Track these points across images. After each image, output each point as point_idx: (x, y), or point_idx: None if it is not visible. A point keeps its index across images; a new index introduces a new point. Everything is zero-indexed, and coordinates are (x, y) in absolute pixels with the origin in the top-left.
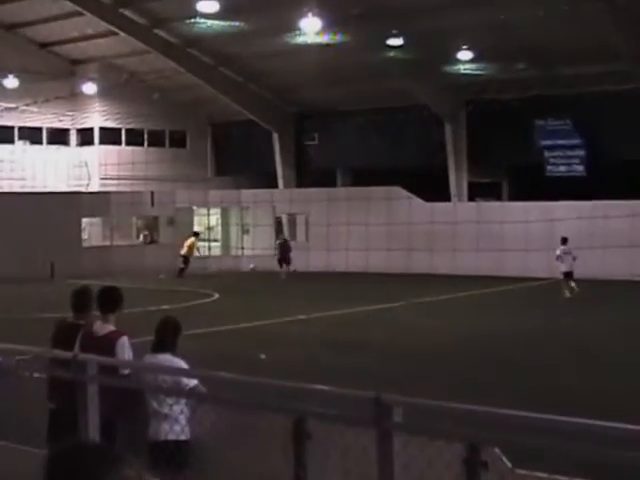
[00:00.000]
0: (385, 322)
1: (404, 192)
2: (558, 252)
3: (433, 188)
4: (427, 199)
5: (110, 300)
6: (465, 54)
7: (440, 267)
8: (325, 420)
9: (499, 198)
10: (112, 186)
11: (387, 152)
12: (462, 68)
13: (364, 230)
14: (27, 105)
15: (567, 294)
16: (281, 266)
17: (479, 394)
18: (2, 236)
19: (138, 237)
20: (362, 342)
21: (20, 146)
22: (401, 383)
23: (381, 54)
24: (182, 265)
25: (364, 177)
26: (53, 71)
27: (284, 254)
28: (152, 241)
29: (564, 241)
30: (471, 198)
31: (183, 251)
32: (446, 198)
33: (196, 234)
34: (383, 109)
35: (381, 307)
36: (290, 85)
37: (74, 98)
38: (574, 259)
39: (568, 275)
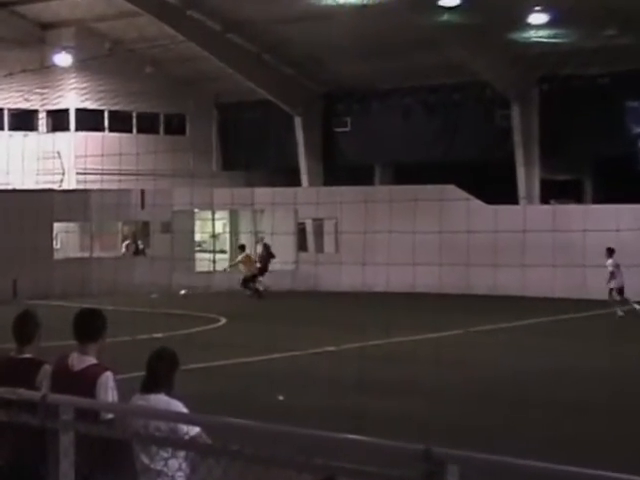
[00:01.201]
0: (436, 356)
1: (460, 192)
2: (611, 267)
3: (496, 187)
4: (488, 200)
5: (90, 326)
6: (538, 17)
7: (506, 286)
8: (360, 479)
9: (580, 200)
10: (92, 183)
11: (438, 141)
12: (534, 35)
13: (410, 239)
14: None
15: (620, 312)
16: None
17: (556, 447)
18: None
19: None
20: (407, 381)
21: None
22: (457, 433)
23: (432, 17)
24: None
25: (409, 173)
26: (17, 37)
27: (266, 263)
28: (137, 252)
29: (611, 252)
30: (544, 200)
31: (244, 270)
32: (512, 199)
33: (242, 247)
34: (434, 87)
35: (431, 337)
36: (317, 57)
37: (44, 72)
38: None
39: (622, 292)
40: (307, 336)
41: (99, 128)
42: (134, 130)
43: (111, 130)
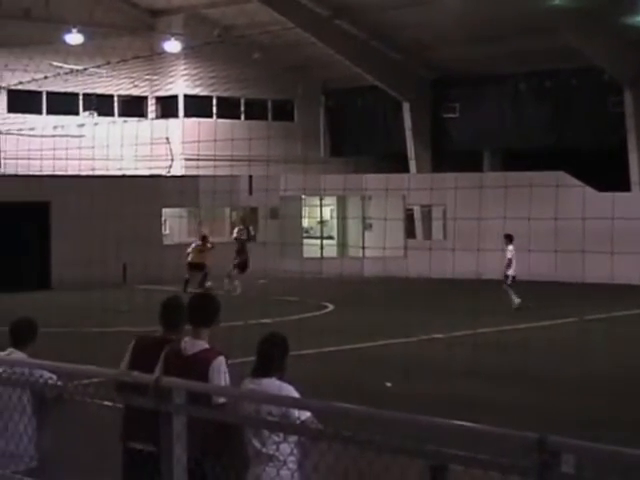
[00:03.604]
0: (550, 344)
1: (572, 179)
2: (510, 254)
3: (606, 174)
4: (599, 187)
5: (204, 311)
6: None
7: (623, 275)
8: (472, 467)
9: None
10: (200, 169)
11: (548, 128)
12: None
13: (524, 226)
14: (99, 67)
15: (516, 300)
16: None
17: None
18: (65, 230)
19: (232, 233)
20: (519, 369)
21: (85, 118)
22: (572, 423)
23: (542, 2)
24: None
25: (518, 159)
26: (127, 25)
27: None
28: (249, 238)
29: (511, 239)
30: None
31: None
32: (622, 186)
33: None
34: (544, 73)
35: (544, 325)
36: (426, 43)
37: (153, 59)
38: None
39: (515, 280)
40: (415, 323)
41: (207, 114)
42: (241, 116)
43: (219, 116)
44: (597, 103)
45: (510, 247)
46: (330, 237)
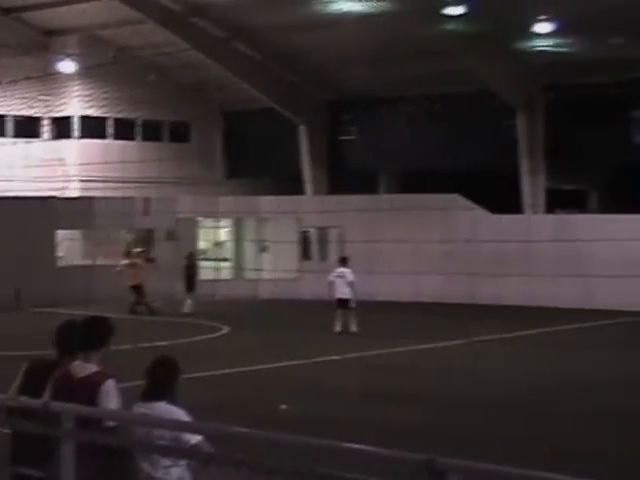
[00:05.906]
0: (439, 365)
1: (465, 201)
2: (331, 277)
3: (501, 196)
4: (494, 210)
5: (96, 334)
6: (543, 26)
7: (510, 296)
8: None
9: (585, 209)
10: (95, 190)
11: (443, 150)
12: (540, 44)
13: (414, 248)
14: None
15: (338, 328)
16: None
17: (559, 458)
18: None
19: (127, 255)
20: (410, 390)
21: None
22: (459, 443)
23: (437, 26)
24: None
25: (414, 182)
26: (21, 44)
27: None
28: (149, 259)
29: (343, 262)
30: (550, 209)
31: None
32: (517, 209)
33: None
34: (439, 96)
35: (435, 346)
36: (322, 65)
37: (47, 79)
38: (351, 285)
39: (342, 303)
40: (311, 345)
41: (103, 135)
42: (138, 138)
43: (116, 137)
44: (491, 126)
45: (343, 270)
46: (226, 259)
